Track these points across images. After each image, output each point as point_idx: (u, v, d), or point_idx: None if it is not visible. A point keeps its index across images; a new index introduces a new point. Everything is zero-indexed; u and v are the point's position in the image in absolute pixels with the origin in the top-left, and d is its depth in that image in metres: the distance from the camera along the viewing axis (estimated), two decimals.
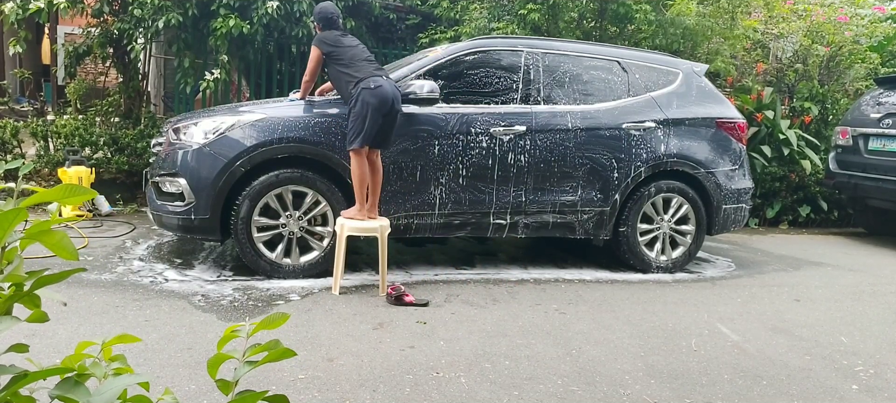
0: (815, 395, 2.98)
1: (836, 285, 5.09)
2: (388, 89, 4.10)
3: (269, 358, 0.90)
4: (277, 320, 0.93)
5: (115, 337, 0.99)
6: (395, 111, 4.17)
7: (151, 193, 4.56)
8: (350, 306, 3.86)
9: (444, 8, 7.74)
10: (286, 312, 0.96)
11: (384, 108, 4.08)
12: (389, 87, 4.13)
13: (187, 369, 2.83)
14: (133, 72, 7.34)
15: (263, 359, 0.91)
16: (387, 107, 4.09)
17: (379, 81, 4.10)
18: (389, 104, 4.09)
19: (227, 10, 6.28)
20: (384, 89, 4.08)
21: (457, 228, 4.74)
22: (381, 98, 4.06)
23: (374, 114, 4.05)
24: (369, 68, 4.20)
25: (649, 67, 5.27)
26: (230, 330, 0.95)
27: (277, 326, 0.93)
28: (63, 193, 0.87)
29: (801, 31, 8.33)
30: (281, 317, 0.93)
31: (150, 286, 4.05)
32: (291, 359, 2.99)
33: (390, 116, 4.14)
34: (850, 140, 7.14)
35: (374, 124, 4.07)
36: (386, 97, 4.07)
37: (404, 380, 2.85)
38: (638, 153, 4.96)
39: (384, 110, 4.08)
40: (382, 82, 4.11)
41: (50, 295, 0.88)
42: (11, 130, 6.48)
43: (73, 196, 0.87)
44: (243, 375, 0.89)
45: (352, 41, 4.37)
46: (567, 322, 3.79)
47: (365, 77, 4.12)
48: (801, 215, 7.78)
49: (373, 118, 4.06)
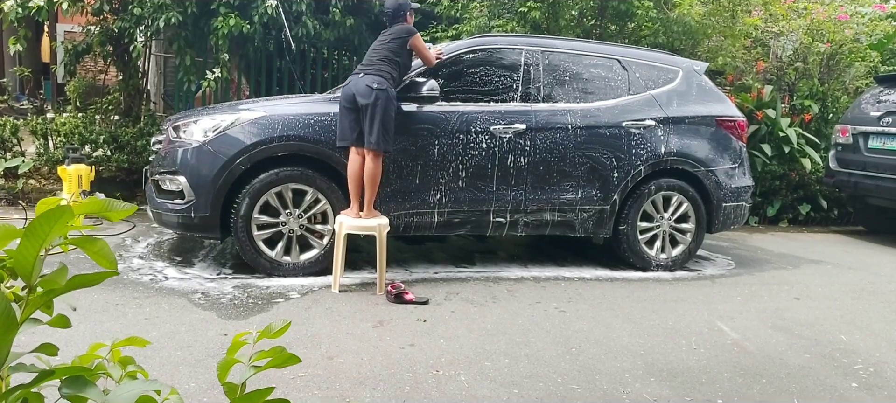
0: (814, 393, 2.98)
1: (835, 283, 5.09)
2: (349, 89, 4.21)
3: (274, 364, 0.92)
4: (280, 329, 0.97)
5: (124, 340, 1.00)
6: (359, 106, 4.16)
7: (151, 191, 4.56)
8: (350, 304, 3.86)
9: (444, 6, 7.73)
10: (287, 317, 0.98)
11: (346, 104, 4.20)
12: (350, 86, 4.21)
13: (187, 367, 2.83)
14: (133, 70, 7.32)
15: (267, 364, 0.93)
16: (348, 103, 4.19)
17: (347, 82, 4.29)
18: (349, 100, 4.19)
19: (227, 9, 6.27)
20: (345, 90, 4.24)
21: (456, 226, 4.74)
22: (343, 96, 4.23)
23: (340, 112, 4.25)
24: (358, 67, 4.34)
25: (649, 65, 5.27)
26: (238, 338, 0.99)
27: (280, 335, 0.96)
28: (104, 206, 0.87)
29: (802, 29, 8.32)
30: (284, 327, 0.98)
31: (150, 284, 4.05)
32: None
33: (355, 111, 4.19)
34: (850, 138, 7.13)
35: (342, 121, 4.24)
36: (346, 95, 4.21)
37: (404, 378, 2.85)
38: (638, 151, 4.96)
39: (346, 105, 4.20)
40: (349, 81, 4.27)
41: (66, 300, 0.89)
42: (11, 128, 6.48)
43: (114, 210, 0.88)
44: (248, 378, 0.91)
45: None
46: (567, 320, 3.79)
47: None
48: (801, 213, 7.78)
49: (340, 116, 4.25)
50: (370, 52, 4.35)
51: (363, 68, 4.27)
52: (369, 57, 4.31)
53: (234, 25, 6.13)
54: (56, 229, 0.79)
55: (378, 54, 4.28)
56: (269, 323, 0.99)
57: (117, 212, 0.88)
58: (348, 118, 4.19)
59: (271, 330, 0.96)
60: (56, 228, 0.79)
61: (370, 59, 4.30)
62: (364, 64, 4.30)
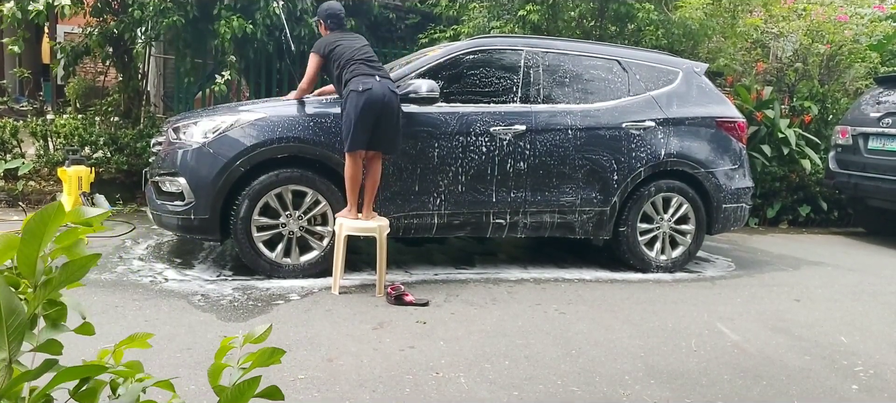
0: (814, 395, 2.98)
1: (835, 285, 5.09)
2: (376, 91, 3.95)
3: (259, 363, 0.95)
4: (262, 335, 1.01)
5: (126, 340, 1.00)
6: (390, 112, 4.03)
7: (151, 193, 4.56)
8: (350, 306, 3.86)
9: (443, 7, 7.73)
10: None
11: (374, 110, 3.95)
12: (379, 89, 3.97)
13: (187, 369, 2.83)
14: (133, 72, 7.33)
15: (253, 365, 0.96)
16: (376, 110, 3.96)
17: (368, 83, 3.96)
18: (379, 106, 3.96)
19: (228, 11, 6.27)
20: (373, 92, 3.94)
21: (456, 228, 4.74)
22: (369, 100, 3.93)
23: (362, 116, 3.94)
24: (363, 68, 4.07)
25: (649, 67, 5.27)
26: (226, 342, 1.01)
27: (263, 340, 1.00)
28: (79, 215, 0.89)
29: (801, 30, 8.32)
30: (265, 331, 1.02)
31: (150, 285, 4.05)
32: (291, 359, 2.99)
33: (385, 118, 4.02)
34: (850, 139, 7.13)
35: (364, 127, 3.95)
36: (374, 100, 3.93)
37: (404, 380, 2.85)
38: (638, 153, 4.95)
39: (375, 112, 3.96)
40: (372, 84, 3.96)
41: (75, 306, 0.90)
42: (11, 130, 6.48)
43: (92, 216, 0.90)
44: (238, 381, 0.93)
45: (352, 41, 4.28)
46: (567, 322, 3.78)
47: (354, 77, 4.03)
48: (801, 215, 7.78)
49: (361, 121, 3.94)
50: (364, 55, 4.19)
51: (377, 70, 4.13)
52: (368, 60, 4.18)
53: (238, 27, 6.13)
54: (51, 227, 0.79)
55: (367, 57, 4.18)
56: (250, 330, 1.02)
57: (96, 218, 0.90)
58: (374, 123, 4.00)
59: (254, 335, 1.00)
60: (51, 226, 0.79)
61: (369, 62, 4.19)
62: (372, 66, 4.15)
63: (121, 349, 1.00)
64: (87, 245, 0.93)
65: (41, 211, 0.79)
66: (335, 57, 4.21)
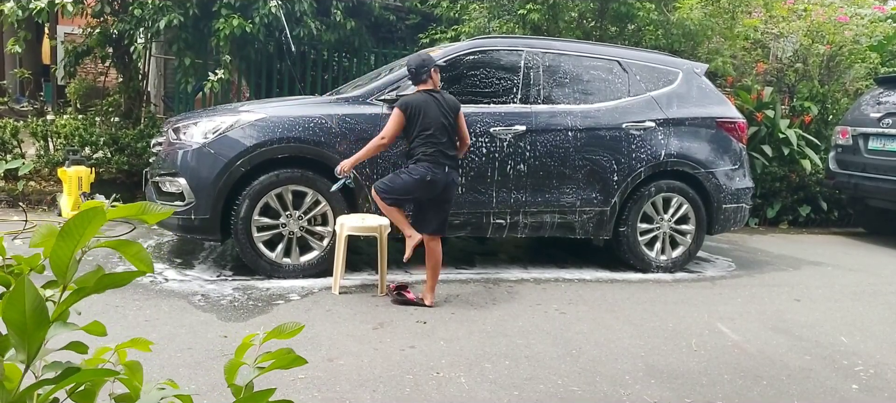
0: (815, 395, 2.98)
1: (836, 285, 5.09)
2: (440, 181, 3.93)
3: (279, 365, 0.92)
4: (293, 331, 0.95)
5: (128, 342, 1.00)
6: (444, 200, 4.02)
7: (151, 193, 4.56)
8: (350, 306, 3.86)
9: (443, 8, 7.73)
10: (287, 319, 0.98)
11: (429, 193, 3.94)
12: (444, 180, 3.94)
13: (188, 369, 2.83)
14: (133, 72, 7.33)
15: (272, 366, 0.92)
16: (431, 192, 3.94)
17: (437, 174, 3.91)
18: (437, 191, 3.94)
19: (228, 10, 6.28)
20: (436, 182, 3.92)
21: (457, 228, 4.74)
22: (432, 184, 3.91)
23: (414, 189, 3.94)
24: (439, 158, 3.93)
25: (649, 67, 5.27)
26: (248, 339, 0.97)
27: (291, 336, 0.95)
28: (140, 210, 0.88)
29: (801, 30, 8.32)
30: (296, 328, 0.96)
31: (150, 286, 4.05)
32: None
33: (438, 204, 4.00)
34: (850, 139, 7.13)
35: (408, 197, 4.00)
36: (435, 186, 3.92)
37: (404, 380, 2.85)
38: (638, 153, 4.95)
39: (428, 195, 3.95)
40: (440, 175, 3.92)
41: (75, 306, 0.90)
42: (11, 130, 6.48)
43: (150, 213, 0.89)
44: (253, 379, 0.91)
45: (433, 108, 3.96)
46: (567, 322, 3.78)
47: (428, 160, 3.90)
48: (802, 215, 7.78)
49: (410, 193, 3.96)
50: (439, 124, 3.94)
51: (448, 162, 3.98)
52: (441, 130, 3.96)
53: (237, 26, 6.13)
54: (90, 230, 0.79)
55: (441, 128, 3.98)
56: (279, 325, 0.96)
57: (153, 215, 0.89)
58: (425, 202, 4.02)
59: (283, 331, 0.94)
60: (90, 229, 0.79)
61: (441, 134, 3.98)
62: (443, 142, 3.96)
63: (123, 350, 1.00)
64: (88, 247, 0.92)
65: (84, 212, 0.79)
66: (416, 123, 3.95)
